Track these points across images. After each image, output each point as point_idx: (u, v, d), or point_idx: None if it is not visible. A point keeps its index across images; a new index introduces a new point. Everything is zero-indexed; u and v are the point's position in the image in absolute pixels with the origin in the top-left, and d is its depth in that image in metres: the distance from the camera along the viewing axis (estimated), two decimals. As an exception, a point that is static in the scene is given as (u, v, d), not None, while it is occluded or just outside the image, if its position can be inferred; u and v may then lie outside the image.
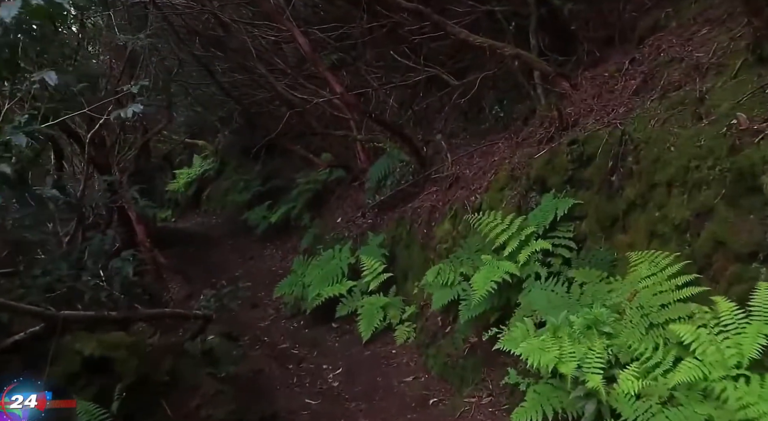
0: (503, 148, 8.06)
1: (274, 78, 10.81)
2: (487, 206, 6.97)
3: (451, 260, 6.62)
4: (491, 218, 6.01)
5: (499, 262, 5.63)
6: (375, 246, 8.97)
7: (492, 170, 7.61)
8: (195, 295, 11.56)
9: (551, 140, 6.57)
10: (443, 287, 6.50)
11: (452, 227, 7.60)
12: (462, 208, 7.46)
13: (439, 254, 7.65)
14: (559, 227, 5.59)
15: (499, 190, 6.94)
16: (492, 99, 9.72)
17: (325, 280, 9.00)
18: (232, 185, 16.73)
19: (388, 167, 9.72)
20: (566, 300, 4.58)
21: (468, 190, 7.66)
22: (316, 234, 12.09)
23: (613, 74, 6.55)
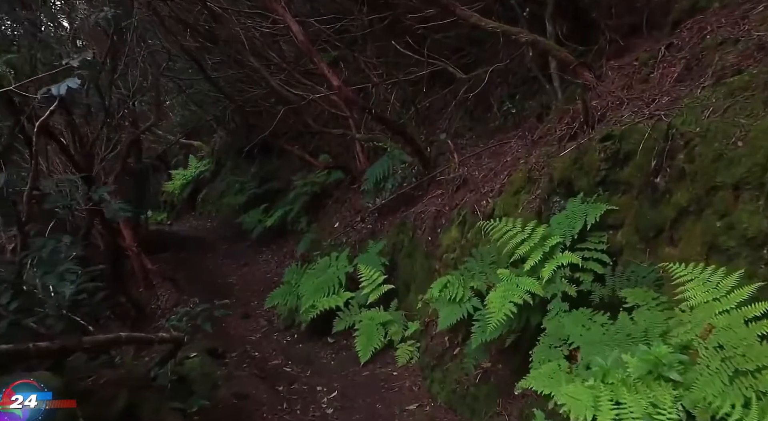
0: (516, 147, 7.14)
1: (268, 72, 9.88)
2: (500, 212, 6.05)
3: (461, 273, 5.68)
4: (508, 226, 5.07)
5: (518, 278, 4.69)
6: (374, 254, 8.04)
7: (505, 172, 6.69)
8: (184, 303, 10.67)
9: (575, 137, 5.65)
10: (451, 303, 5.57)
11: (460, 235, 6.68)
12: (471, 214, 6.54)
13: (446, 263, 6.72)
14: (589, 237, 4.66)
15: (514, 194, 6.01)
16: (502, 94, 8.81)
17: (321, 290, 8.07)
18: (228, 187, 15.82)
19: (388, 168, 8.80)
20: (610, 331, 3.63)
21: (478, 193, 6.74)
22: (314, 239, 11.18)
23: (645, 62, 5.62)
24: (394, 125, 8.57)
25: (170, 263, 12.87)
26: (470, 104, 10.03)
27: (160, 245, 13.91)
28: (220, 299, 11.13)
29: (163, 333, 5.18)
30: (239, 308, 10.35)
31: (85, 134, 9.81)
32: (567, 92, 6.90)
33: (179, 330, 5.38)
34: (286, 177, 14.05)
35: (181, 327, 5.41)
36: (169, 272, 12.00)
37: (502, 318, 4.47)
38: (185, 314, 5.56)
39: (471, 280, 5.43)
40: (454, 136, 9.78)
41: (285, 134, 14.04)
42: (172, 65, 13.01)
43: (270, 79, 9.61)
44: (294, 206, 12.70)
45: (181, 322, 5.44)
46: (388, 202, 8.97)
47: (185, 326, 5.43)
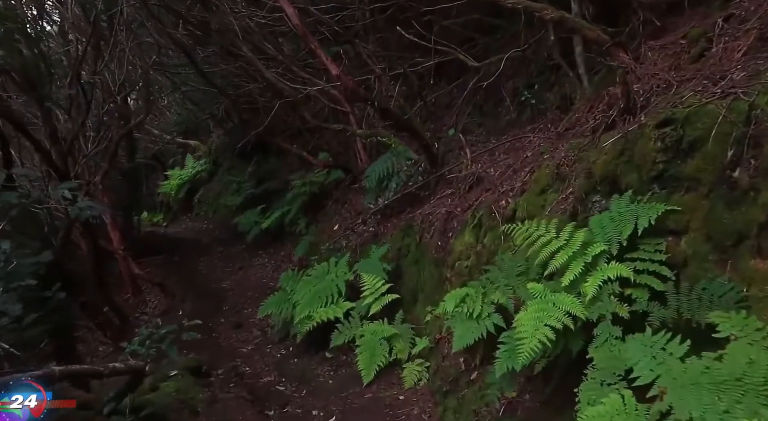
0: (537, 141, 6.19)
1: (263, 64, 8.91)
2: (523, 213, 5.10)
3: (482, 284, 4.71)
4: (539, 230, 4.12)
5: (554, 295, 3.73)
6: (377, 260, 7.07)
7: (526, 169, 5.74)
8: (174, 310, 9.73)
9: (612, 126, 4.70)
10: (468, 320, 4.64)
11: (475, 239, 5.72)
12: (488, 216, 5.58)
13: (459, 272, 5.77)
14: (642, 244, 3.70)
15: (539, 193, 5.06)
16: (518, 85, 7.85)
17: (318, 299, 7.10)
18: (225, 188, 14.87)
19: (392, 166, 7.82)
20: (697, 369, 2.66)
21: (495, 193, 5.78)
22: (312, 242, 10.22)
23: (696, 39, 4.66)
24: (399, 119, 7.61)
25: (162, 266, 11.95)
26: (479, 98, 9.09)
27: (153, 248, 12.98)
28: (212, 306, 10.23)
29: (118, 363, 4.16)
30: (232, 317, 9.40)
31: (65, 129, 8.88)
32: (595, 79, 5.94)
33: (140, 357, 4.39)
34: (284, 177, 13.09)
35: (143, 353, 4.42)
36: (158, 277, 11.08)
37: (536, 346, 3.52)
38: (148, 336, 4.57)
39: (493, 293, 4.46)
40: (463, 132, 8.84)
41: (284, 133, 13.09)
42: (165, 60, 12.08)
43: (264, 70, 8.65)
44: (292, 207, 11.74)
45: (144, 347, 4.45)
46: (391, 202, 8.01)
47: (147, 352, 4.45)
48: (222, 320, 9.26)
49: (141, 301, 10.34)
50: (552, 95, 6.97)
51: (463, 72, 9.87)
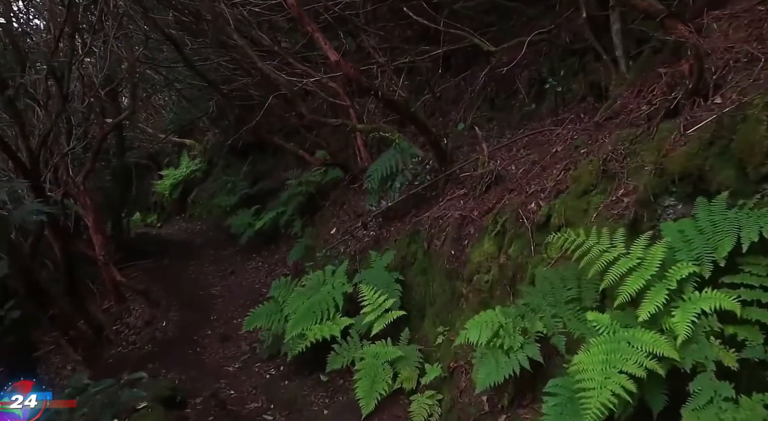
0: (568, 133, 5.11)
1: (256, 54, 7.79)
2: (560, 219, 4.01)
3: (518, 312, 3.59)
4: (601, 244, 3.00)
5: (629, 332, 2.64)
6: (379, 270, 5.99)
7: (558, 165, 4.65)
8: (157, 321, 8.60)
9: (675, 112, 3.61)
10: (495, 352, 3.53)
11: (497, 249, 4.62)
12: (514, 221, 4.48)
13: (477, 288, 4.66)
14: (747, 264, 2.62)
15: (580, 195, 3.96)
16: (536, 74, 6.79)
17: (312, 315, 5.99)
18: (220, 187, 13.70)
19: (395, 164, 6.70)
20: None
21: (521, 194, 4.68)
22: (308, 246, 9.11)
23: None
24: (404, 111, 6.49)
25: (150, 271, 10.82)
26: (490, 91, 8.04)
27: (143, 251, 11.85)
28: (199, 315, 9.09)
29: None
30: (220, 328, 8.28)
31: (35, 125, 7.77)
32: (639, 60, 4.84)
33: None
34: (280, 176, 11.98)
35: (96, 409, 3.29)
36: (144, 284, 9.94)
37: (609, 400, 2.43)
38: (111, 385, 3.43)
39: (534, 324, 3.35)
40: (472, 128, 7.77)
41: (280, 130, 11.99)
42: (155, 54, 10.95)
43: (256, 59, 7.53)
44: (287, 208, 10.62)
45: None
46: (395, 204, 6.91)
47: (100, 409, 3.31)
48: (208, 332, 8.14)
49: (124, 310, 9.19)
50: (579, 82, 5.88)
51: (471, 63, 8.79)
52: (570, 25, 6.34)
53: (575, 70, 6.10)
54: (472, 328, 3.69)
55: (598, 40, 5.33)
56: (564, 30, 6.47)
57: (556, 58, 6.30)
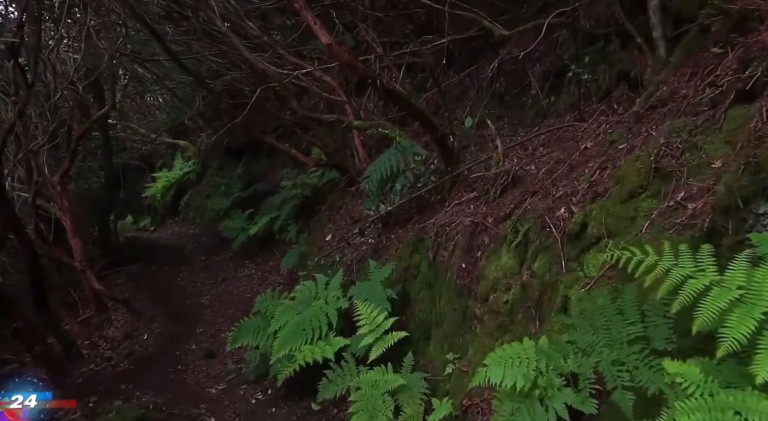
0: (599, 127, 4.27)
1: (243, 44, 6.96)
2: (599, 228, 3.17)
3: (559, 350, 2.73)
4: (684, 267, 2.13)
5: (739, 398, 1.77)
6: (378, 283, 5.14)
7: (590, 163, 3.81)
8: (138, 333, 7.75)
9: (752, 94, 2.78)
10: (527, 402, 2.68)
11: (518, 263, 3.78)
12: (539, 230, 3.64)
13: (494, 309, 3.82)
14: None
15: (625, 199, 3.12)
16: (562, 57, 5.93)
17: (302, 333, 5.14)
18: (214, 190, 12.86)
19: (396, 164, 5.85)
20: None
21: (546, 197, 3.84)
22: (303, 253, 8.31)
23: None
24: (406, 103, 5.65)
25: (136, 278, 9.97)
26: (499, 86, 7.21)
27: (131, 256, 10.99)
28: (185, 327, 8.20)
29: None
30: (205, 342, 7.44)
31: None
32: (683, 41, 4.00)
33: None
34: (275, 178, 11.18)
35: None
36: (128, 292, 9.10)
37: None
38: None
39: (584, 368, 2.49)
40: (479, 127, 6.96)
41: (275, 131, 11.15)
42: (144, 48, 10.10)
43: (242, 48, 6.69)
44: (281, 212, 9.81)
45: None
46: (396, 209, 6.07)
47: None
48: (193, 347, 7.29)
49: (105, 320, 8.35)
50: (604, 71, 5.05)
51: (478, 57, 7.96)
52: (590, 9, 5.53)
53: (599, 58, 5.27)
54: (493, 365, 2.84)
55: (630, 22, 4.51)
56: (584, 15, 5.65)
57: (577, 44, 5.45)
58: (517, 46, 7.06)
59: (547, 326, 3.33)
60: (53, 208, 8.60)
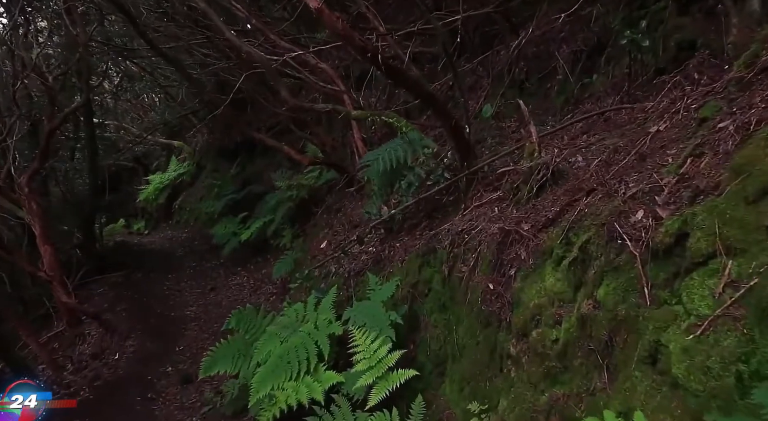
0: (675, 104, 3.10)
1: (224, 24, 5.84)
2: (707, 241, 2.03)
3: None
4: None
5: None
6: (379, 304, 4.01)
7: (671, 150, 2.69)
8: (109, 352, 6.61)
9: None
10: None
11: (572, 287, 2.64)
12: (606, 242, 2.49)
13: (537, 349, 2.69)
14: None
15: (755, 199, 1.97)
16: (578, 47, 4.88)
17: (286, 366, 4.00)
18: (208, 192, 11.73)
19: (404, 155, 4.69)
20: None
21: (610, 196, 2.69)
22: (297, 260, 7.18)
23: None
24: (414, 85, 4.48)
25: (117, 287, 8.81)
26: (519, 72, 6.09)
27: (116, 262, 9.84)
28: (163, 344, 7.00)
29: None
30: (184, 363, 6.32)
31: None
32: None
33: None
34: (271, 179, 10.04)
35: None
36: (106, 303, 7.96)
37: None
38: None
39: None
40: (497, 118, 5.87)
41: (271, 129, 10.04)
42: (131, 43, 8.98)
43: (224, 29, 5.57)
44: (275, 216, 8.68)
45: None
46: (401, 212, 4.93)
47: None
48: (169, 369, 6.16)
49: (79, 335, 7.22)
50: (663, 39, 3.90)
51: (493, 43, 6.85)
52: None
53: (655, 25, 4.12)
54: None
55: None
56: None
57: (630, 6, 4.30)
58: (540, 27, 5.99)
59: (625, 382, 2.20)
60: (22, 212, 7.48)
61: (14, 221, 8.02)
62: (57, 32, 6.71)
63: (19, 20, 6.71)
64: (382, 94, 8.09)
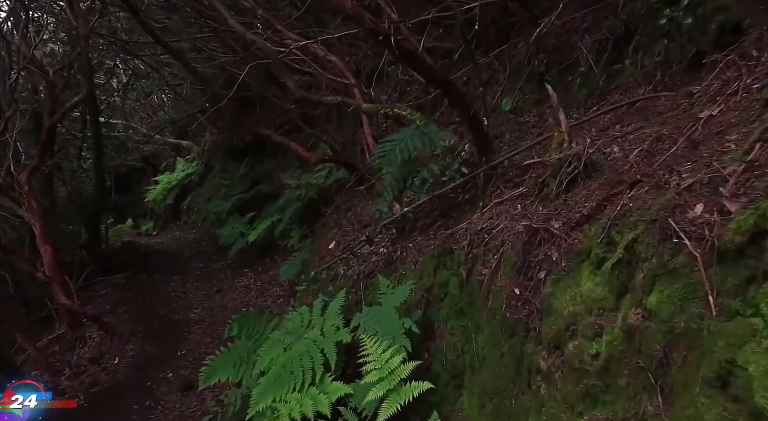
0: (730, 85, 2.70)
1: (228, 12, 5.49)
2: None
3: None
4: None
5: None
6: (391, 309, 3.63)
7: (730, 135, 2.28)
8: (108, 356, 6.27)
9: None
10: None
11: (614, 294, 2.24)
12: (657, 242, 2.09)
13: (575, 365, 2.29)
14: None
15: None
16: (602, 36, 4.45)
17: (289, 376, 3.64)
18: (216, 192, 11.41)
19: (422, 145, 4.28)
20: None
21: (660, 188, 2.29)
22: (305, 261, 6.81)
23: None
24: (431, 70, 4.08)
25: (121, 288, 8.48)
26: (538, 64, 5.70)
27: (121, 263, 9.52)
28: (166, 348, 6.65)
29: None
30: (185, 368, 5.96)
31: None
32: None
33: None
34: (280, 179, 9.70)
35: None
36: (105, 305, 7.63)
37: None
38: None
39: None
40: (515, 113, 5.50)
41: (280, 128, 9.70)
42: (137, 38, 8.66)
43: (227, 15, 5.22)
44: (283, 216, 8.33)
45: None
46: (414, 210, 4.55)
47: None
48: (169, 375, 5.81)
49: (79, 338, 6.89)
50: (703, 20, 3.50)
51: (510, 35, 6.46)
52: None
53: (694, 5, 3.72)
54: None
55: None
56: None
57: None
58: (560, 17, 5.61)
59: (687, 407, 1.81)
60: (22, 211, 7.17)
61: (14, 220, 7.71)
62: (63, 28, 6.35)
63: (20, 14, 6.41)
64: (393, 91, 7.74)
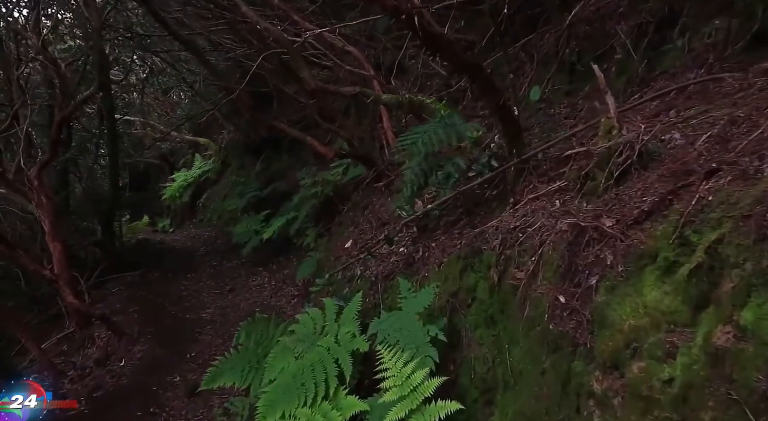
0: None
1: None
2: None
3: None
4: None
5: None
6: (413, 315, 3.21)
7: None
8: (115, 358, 5.93)
9: None
10: None
11: (689, 303, 1.81)
12: (753, 243, 1.65)
13: (640, 390, 1.85)
14: None
15: None
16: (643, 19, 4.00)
17: (300, 388, 3.24)
18: (232, 189, 11.08)
19: (447, 138, 3.85)
20: None
21: (749, 178, 1.85)
22: (321, 261, 6.43)
23: None
24: (456, 54, 3.65)
25: (133, 287, 8.16)
26: (569, 53, 5.26)
27: (134, 261, 9.23)
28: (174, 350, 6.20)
29: None
30: (193, 372, 5.59)
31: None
32: None
33: None
34: (296, 176, 9.33)
35: None
36: (115, 304, 7.30)
37: None
38: None
39: None
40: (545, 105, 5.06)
41: (297, 124, 9.33)
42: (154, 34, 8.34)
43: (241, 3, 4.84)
44: (299, 214, 7.95)
45: None
46: (438, 207, 4.12)
47: None
48: (177, 379, 5.46)
49: (87, 338, 6.57)
50: None
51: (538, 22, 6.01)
52: None
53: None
54: None
55: None
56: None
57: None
58: (593, 3, 5.17)
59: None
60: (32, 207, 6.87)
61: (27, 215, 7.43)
62: (79, 23, 6.02)
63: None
64: (413, 85, 7.35)
